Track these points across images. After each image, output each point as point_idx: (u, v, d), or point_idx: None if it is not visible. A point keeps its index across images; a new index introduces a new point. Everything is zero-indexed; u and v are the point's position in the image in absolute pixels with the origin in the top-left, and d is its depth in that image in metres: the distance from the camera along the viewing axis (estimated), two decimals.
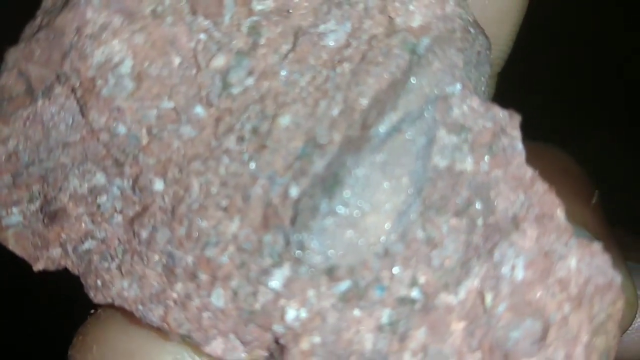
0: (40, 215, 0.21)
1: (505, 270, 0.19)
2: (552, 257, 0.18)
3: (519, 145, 0.20)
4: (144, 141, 0.21)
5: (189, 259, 0.20)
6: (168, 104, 0.21)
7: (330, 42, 0.21)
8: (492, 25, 0.28)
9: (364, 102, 0.21)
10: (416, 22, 0.21)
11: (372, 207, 0.20)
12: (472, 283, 0.19)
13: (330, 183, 0.20)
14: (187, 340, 0.21)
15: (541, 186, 0.19)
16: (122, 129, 0.20)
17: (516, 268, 0.18)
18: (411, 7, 0.21)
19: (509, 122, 0.20)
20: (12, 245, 0.21)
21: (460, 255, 0.19)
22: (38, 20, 0.20)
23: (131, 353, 0.22)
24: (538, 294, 0.18)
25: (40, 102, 0.20)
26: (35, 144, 0.20)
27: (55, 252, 0.21)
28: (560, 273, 0.18)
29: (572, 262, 0.18)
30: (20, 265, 0.21)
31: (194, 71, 0.21)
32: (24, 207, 0.21)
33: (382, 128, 0.20)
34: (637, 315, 0.30)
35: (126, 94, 0.20)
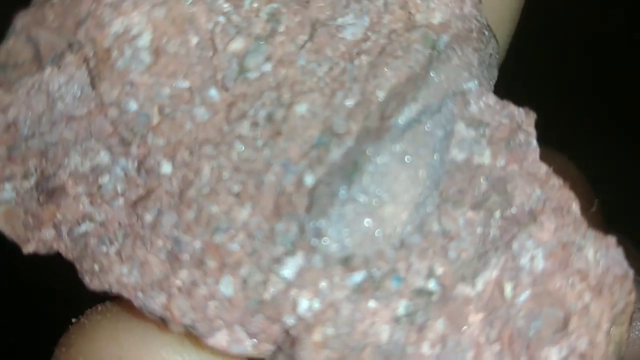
0: (35, 193, 0.19)
1: (524, 261, 0.19)
2: (570, 249, 0.18)
3: (534, 142, 0.20)
4: (155, 120, 0.20)
5: (197, 245, 0.19)
6: (183, 83, 0.20)
7: (348, 36, 0.21)
8: None
9: (381, 94, 0.21)
10: (436, 19, 0.21)
11: (390, 197, 0.20)
12: (490, 275, 0.19)
13: (349, 170, 0.20)
14: (190, 331, 0.19)
15: (556, 181, 0.19)
16: (133, 106, 0.20)
17: (536, 259, 0.18)
18: (432, 5, 0.21)
19: (525, 119, 0.20)
20: (1, 225, 0.19)
21: (478, 248, 0.19)
22: None
23: None
24: (558, 284, 0.18)
25: (48, 71, 0.19)
26: (38, 115, 0.19)
27: (48, 233, 0.20)
28: (579, 264, 0.18)
29: (590, 253, 0.18)
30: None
31: (211, 53, 0.20)
32: (17, 183, 0.19)
33: (402, 119, 0.20)
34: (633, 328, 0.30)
35: (142, 68, 0.19)
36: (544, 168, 0.20)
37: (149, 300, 0.19)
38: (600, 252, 0.18)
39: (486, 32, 0.22)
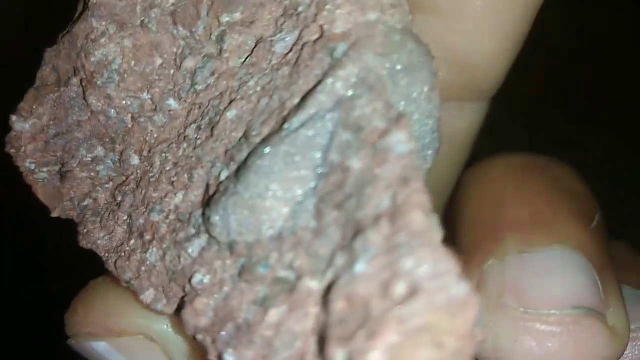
0: (59, 176, 0.27)
1: (352, 263, 0.19)
2: (394, 255, 0.18)
3: (405, 147, 0.20)
4: (129, 125, 0.26)
5: (141, 221, 0.25)
6: (147, 96, 0.26)
7: (279, 49, 0.24)
8: (482, 66, 0.28)
9: (295, 101, 0.23)
10: (339, 29, 0.22)
11: (272, 194, 0.22)
12: (331, 274, 0.20)
13: (240, 168, 0.23)
14: (129, 286, 0.25)
15: (414, 185, 0.19)
16: (113, 113, 0.26)
17: (359, 262, 0.19)
18: (335, 15, 0.22)
19: (398, 122, 0.20)
20: (41, 195, 0.28)
21: (334, 247, 0.20)
22: (67, 29, 0.27)
23: (108, 313, 0.27)
24: (370, 289, 0.18)
25: (63, 89, 0.27)
26: (60, 121, 0.27)
27: (67, 205, 0.27)
28: (393, 271, 0.18)
29: (409, 263, 0.18)
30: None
31: (173, 71, 0.26)
32: (51, 167, 0.28)
33: (295, 124, 0.22)
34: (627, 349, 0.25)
35: (114, 85, 0.26)
36: (409, 171, 0.20)
37: (109, 260, 0.25)
38: (422, 265, 0.18)
39: (397, 37, 0.22)
